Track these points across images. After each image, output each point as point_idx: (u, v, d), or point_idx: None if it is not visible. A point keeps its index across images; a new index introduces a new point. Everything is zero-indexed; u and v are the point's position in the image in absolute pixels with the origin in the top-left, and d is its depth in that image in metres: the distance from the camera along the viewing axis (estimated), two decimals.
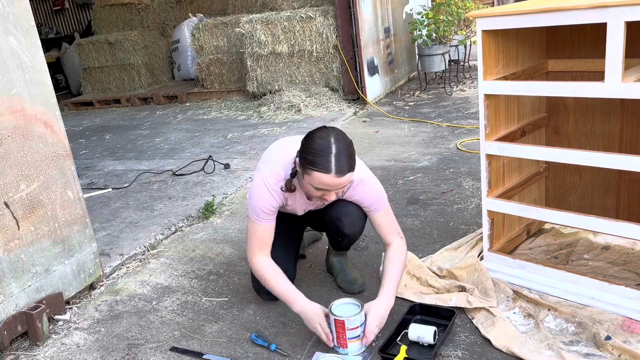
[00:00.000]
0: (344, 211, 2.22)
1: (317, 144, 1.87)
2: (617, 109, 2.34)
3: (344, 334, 1.94)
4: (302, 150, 1.92)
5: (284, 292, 2.08)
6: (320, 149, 1.86)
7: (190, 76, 8.37)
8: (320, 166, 1.86)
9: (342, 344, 1.96)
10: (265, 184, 2.06)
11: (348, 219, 2.22)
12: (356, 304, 2.00)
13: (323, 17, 6.01)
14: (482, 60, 2.08)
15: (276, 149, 2.15)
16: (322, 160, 1.85)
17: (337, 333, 1.95)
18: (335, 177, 1.87)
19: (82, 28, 11.38)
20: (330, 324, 1.96)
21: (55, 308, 2.42)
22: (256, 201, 2.07)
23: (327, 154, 1.85)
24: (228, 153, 4.74)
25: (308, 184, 1.93)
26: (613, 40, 1.71)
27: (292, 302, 2.05)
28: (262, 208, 2.07)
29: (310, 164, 1.87)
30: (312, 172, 1.87)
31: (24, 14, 2.27)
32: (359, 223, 2.25)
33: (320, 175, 1.87)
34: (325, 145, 1.86)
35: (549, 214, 2.10)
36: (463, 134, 4.48)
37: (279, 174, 2.07)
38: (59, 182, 2.44)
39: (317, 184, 1.89)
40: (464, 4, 6.13)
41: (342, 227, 2.24)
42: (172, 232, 3.25)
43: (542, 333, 1.93)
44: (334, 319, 1.94)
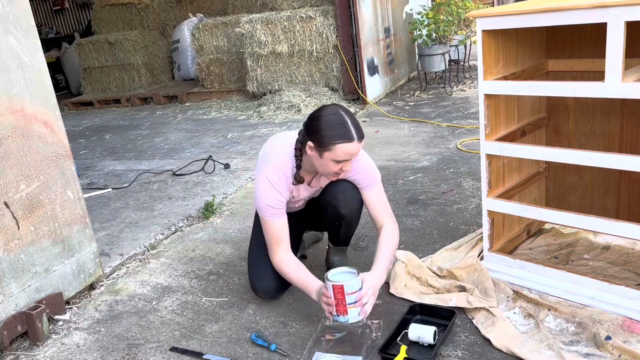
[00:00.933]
0: (338, 189, 2.26)
1: (332, 119, 1.98)
2: (617, 109, 2.34)
3: (344, 299, 1.94)
4: (315, 131, 2.00)
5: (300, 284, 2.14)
6: (337, 122, 1.98)
7: (190, 76, 8.37)
8: (343, 137, 1.96)
9: (341, 310, 1.96)
10: (269, 180, 2.11)
11: (343, 196, 2.26)
12: (352, 271, 2.02)
13: (323, 17, 6.01)
14: (482, 60, 2.08)
15: (271, 147, 2.21)
16: (343, 131, 1.97)
17: (336, 300, 1.95)
18: (358, 143, 1.99)
19: (82, 28, 11.38)
20: (329, 292, 1.96)
21: (55, 308, 2.42)
22: (263, 199, 2.12)
23: (345, 124, 1.98)
24: (228, 153, 4.74)
25: (329, 160, 2.01)
26: (613, 40, 1.71)
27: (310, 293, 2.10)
28: (270, 204, 2.11)
29: (331, 139, 1.97)
30: (336, 145, 1.97)
31: (24, 14, 2.27)
32: (354, 202, 2.28)
33: (345, 146, 1.97)
34: (339, 118, 1.99)
35: (549, 214, 2.10)
36: (463, 134, 4.48)
37: (280, 168, 2.13)
38: (59, 182, 2.44)
39: (342, 155, 1.99)
40: (464, 4, 6.13)
41: (339, 206, 2.26)
42: (172, 232, 3.25)
43: (542, 333, 1.93)
44: (332, 285, 1.94)
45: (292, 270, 2.15)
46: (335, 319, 1.99)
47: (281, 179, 2.12)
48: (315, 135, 2.00)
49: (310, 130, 2.02)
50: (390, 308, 2.23)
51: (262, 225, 2.19)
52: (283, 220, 2.16)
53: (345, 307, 1.96)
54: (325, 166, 2.05)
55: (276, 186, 2.11)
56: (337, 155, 1.99)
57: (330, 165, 2.03)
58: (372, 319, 2.14)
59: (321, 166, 2.07)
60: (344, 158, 2.00)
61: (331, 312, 1.98)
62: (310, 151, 2.04)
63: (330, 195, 2.28)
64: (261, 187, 2.12)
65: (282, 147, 2.16)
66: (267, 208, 2.12)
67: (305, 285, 2.12)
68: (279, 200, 2.12)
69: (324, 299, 1.99)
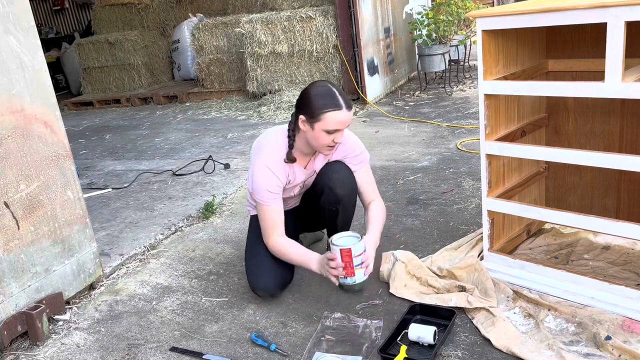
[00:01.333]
0: (332, 169, 2.31)
1: (320, 90, 2.09)
2: (617, 109, 2.34)
3: (352, 262, 2.04)
4: (304, 104, 2.10)
5: (298, 258, 2.23)
6: (324, 93, 2.07)
7: (190, 76, 8.37)
8: (332, 106, 2.06)
9: (349, 273, 2.06)
10: (266, 165, 2.18)
11: (338, 176, 2.29)
12: (354, 235, 2.13)
13: (323, 17, 6.01)
14: (482, 60, 2.08)
15: (264, 138, 2.30)
16: (331, 100, 2.07)
17: (344, 263, 2.03)
18: (347, 112, 2.09)
19: (82, 28, 11.38)
20: (337, 256, 2.04)
21: (55, 308, 2.42)
22: (260, 183, 2.18)
23: (332, 94, 2.09)
24: (228, 153, 4.74)
25: (320, 131, 2.08)
26: (613, 40, 1.71)
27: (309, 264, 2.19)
28: (268, 189, 2.18)
29: (321, 108, 2.06)
30: (325, 114, 2.05)
31: (24, 14, 2.27)
32: (349, 181, 2.32)
33: (334, 114, 2.06)
34: (326, 89, 2.09)
35: (549, 214, 2.10)
36: (463, 134, 4.48)
37: (276, 153, 2.21)
38: (59, 182, 2.44)
39: (333, 124, 2.07)
40: (464, 4, 6.13)
41: (335, 187, 2.29)
42: (172, 232, 3.25)
43: (542, 333, 1.93)
44: (340, 250, 2.02)
45: (288, 248, 2.23)
46: (343, 282, 2.09)
47: (277, 163, 2.19)
48: (305, 108, 2.08)
49: (300, 104, 2.11)
50: (390, 308, 2.23)
51: (259, 212, 2.25)
52: (279, 206, 2.24)
53: (353, 269, 2.06)
54: (318, 138, 2.11)
55: (274, 170, 2.18)
56: (327, 124, 2.06)
57: (322, 136, 2.10)
58: (372, 319, 2.14)
59: (314, 139, 2.13)
60: (335, 127, 2.08)
61: (339, 275, 2.07)
62: (303, 125, 2.12)
63: (325, 177, 2.32)
64: (258, 173, 2.18)
65: (274, 135, 2.25)
66: (266, 193, 2.18)
67: (303, 260, 2.20)
68: (277, 185, 2.19)
69: (332, 263, 2.07)
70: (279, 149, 2.22)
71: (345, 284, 2.10)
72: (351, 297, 2.33)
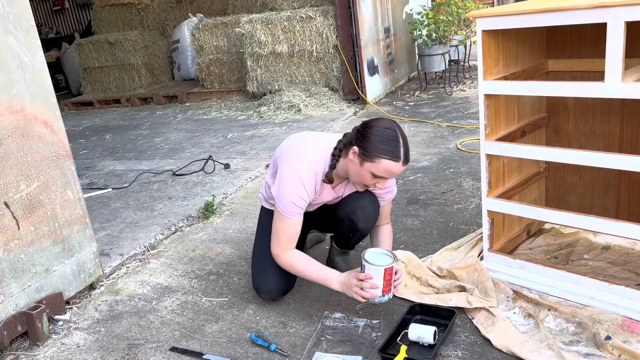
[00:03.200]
0: (358, 204, 2.23)
1: (388, 133, 1.97)
2: (617, 109, 2.34)
3: (391, 279, 2.00)
4: (365, 139, 1.98)
5: (316, 276, 2.13)
6: (391, 138, 1.96)
7: (190, 76, 8.37)
8: (390, 154, 1.95)
9: (387, 290, 2.01)
10: (300, 178, 2.06)
11: (363, 212, 2.22)
12: (385, 252, 2.08)
13: (323, 17, 6.01)
14: (482, 60, 2.08)
15: (305, 144, 2.16)
16: (393, 148, 1.95)
17: (384, 282, 1.99)
18: (402, 166, 1.98)
19: (82, 28, 11.38)
20: (377, 276, 1.98)
21: (55, 308, 2.42)
22: (290, 196, 2.07)
23: (397, 142, 1.96)
24: (228, 153, 4.74)
25: (367, 171, 1.99)
26: (613, 40, 1.71)
27: (329, 283, 2.10)
28: (295, 202, 2.07)
29: (379, 152, 1.95)
30: (381, 159, 1.95)
31: (24, 14, 2.27)
32: (372, 217, 2.26)
33: (388, 163, 1.95)
34: (394, 134, 1.97)
35: (549, 214, 2.10)
36: (463, 134, 4.48)
37: (314, 169, 2.09)
38: (59, 182, 2.44)
39: (382, 171, 1.98)
40: (464, 4, 6.13)
41: (357, 221, 2.23)
42: (172, 232, 3.25)
43: (542, 333, 1.93)
44: (384, 269, 1.97)
45: (303, 264, 2.14)
46: (380, 300, 2.02)
47: (312, 179, 2.09)
48: (364, 142, 1.97)
49: (361, 135, 1.99)
50: (390, 308, 2.23)
51: (278, 220, 2.13)
52: (300, 220, 2.14)
53: (391, 285, 2.02)
54: (361, 176, 2.02)
55: (306, 185, 2.07)
56: (377, 169, 1.96)
57: (366, 176, 2.01)
58: (372, 319, 2.14)
59: (356, 174, 2.04)
60: (383, 175, 1.98)
61: (376, 295, 1.99)
62: (353, 156, 2.01)
63: (349, 209, 2.23)
64: (289, 183, 2.07)
65: (318, 148, 2.13)
66: (291, 205, 2.07)
67: (322, 278, 2.11)
68: (304, 200, 2.09)
69: (366, 283, 1.98)
70: (319, 164, 2.10)
71: (381, 301, 2.03)
72: (351, 298, 2.33)
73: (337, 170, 2.12)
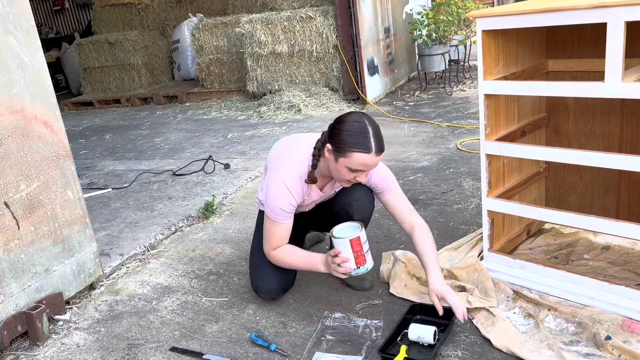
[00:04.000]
0: (352, 196, 2.24)
1: (355, 126, 1.96)
2: (617, 109, 2.34)
3: (362, 249, 1.99)
4: (336, 134, 1.98)
5: (303, 264, 2.15)
6: (359, 131, 1.95)
7: (190, 76, 8.37)
8: (361, 147, 1.94)
9: (361, 261, 2.00)
10: (284, 183, 2.09)
11: (357, 204, 2.23)
12: (351, 224, 2.06)
13: (323, 17, 6.01)
14: (482, 60, 2.08)
15: (287, 148, 2.20)
16: (362, 140, 1.94)
17: (355, 253, 1.98)
18: (375, 156, 1.96)
19: (82, 28, 11.38)
20: (345, 249, 1.98)
21: (55, 308, 2.42)
22: (276, 201, 2.09)
23: (366, 134, 1.95)
24: (228, 153, 4.74)
25: (343, 166, 1.99)
26: (613, 40, 1.71)
27: (316, 267, 2.12)
28: (282, 207, 2.10)
29: (349, 146, 1.94)
30: (353, 153, 1.94)
31: (24, 14, 2.27)
32: (367, 209, 2.27)
33: (361, 156, 1.94)
34: (362, 127, 1.96)
35: (549, 214, 2.10)
36: (463, 134, 4.48)
37: (297, 172, 2.11)
38: (59, 182, 2.44)
39: (356, 165, 1.97)
40: (464, 4, 6.13)
41: (352, 213, 2.24)
42: (172, 232, 3.25)
43: (542, 333, 1.93)
44: (349, 240, 1.97)
45: (290, 256, 2.18)
46: (357, 272, 2.02)
47: (296, 182, 2.11)
48: (335, 139, 1.98)
49: (332, 133, 2.00)
50: (390, 308, 2.23)
51: (267, 223, 2.17)
52: (290, 223, 2.16)
53: (364, 256, 2.00)
54: (339, 172, 2.03)
55: (291, 190, 2.09)
56: (351, 163, 1.96)
57: (343, 172, 2.01)
58: (372, 319, 2.14)
59: (335, 171, 2.04)
60: (358, 168, 1.98)
61: (349, 267, 2.00)
62: (328, 154, 2.02)
63: (345, 201, 2.24)
64: (275, 189, 2.09)
65: (298, 149, 2.15)
66: (279, 211, 2.10)
67: (309, 263, 2.13)
68: (292, 205, 2.11)
69: (337, 259, 2.00)
70: (301, 166, 2.12)
71: (358, 274, 2.03)
72: (351, 297, 2.33)
73: (320, 170, 2.14)
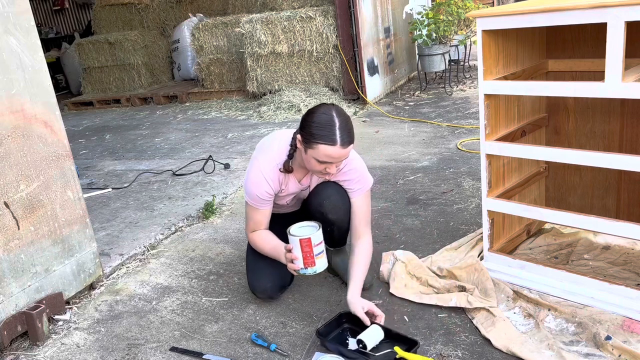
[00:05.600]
0: (323, 195, 2.25)
1: (321, 118, 1.97)
2: (617, 109, 2.34)
3: (311, 251, 1.98)
4: (304, 126, 2.01)
5: (271, 251, 2.21)
6: (325, 123, 1.96)
7: (190, 76, 8.36)
8: (326, 139, 1.95)
9: (309, 263, 2.00)
10: (261, 171, 2.15)
11: (329, 202, 2.23)
12: (313, 225, 2.06)
13: (323, 17, 6.01)
14: (482, 60, 2.08)
15: (270, 139, 2.25)
16: (327, 132, 1.95)
17: (304, 254, 1.99)
18: (341, 149, 1.96)
19: (82, 28, 11.38)
20: (295, 247, 1.99)
21: (55, 308, 2.42)
22: (253, 188, 2.17)
23: (331, 126, 1.95)
24: (228, 153, 4.74)
25: (312, 157, 2.01)
26: (613, 40, 1.71)
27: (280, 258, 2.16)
28: (259, 194, 2.17)
29: (315, 137, 1.96)
30: (318, 145, 1.96)
31: (24, 14, 2.27)
32: (341, 206, 2.25)
33: (326, 148, 1.96)
34: (328, 119, 1.96)
35: (549, 214, 2.10)
36: (463, 134, 4.48)
37: (275, 161, 2.16)
38: (59, 182, 2.44)
39: (322, 156, 1.98)
40: (464, 4, 6.13)
41: (326, 213, 2.24)
42: (172, 232, 3.25)
43: (542, 333, 1.93)
44: (299, 240, 1.97)
45: (262, 240, 2.24)
46: (304, 272, 2.03)
47: (273, 170, 2.16)
48: (304, 130, 2.01)
49: (302, 124, 2.04)
50: (390, 308, 2.23)
51: (247, 207, 2.25)
52: (268, 209, 2.24)
53: (313, 258, 2.00)
54: (309, 163, 2.05)
55: (267, 178, 2.15)
56: (318, 155, 1.98)
57: (312, 163, 2.03)
58: None
59: (306, 162, 2.07)
60: (325, 159, 1.99)
61: (297, 266, 2.03)
62: (299, 144, 2.07)
63: (317, 202, 2.25)
64: (253, 175, 2.16)
65: (279, 141, 2.20)
66: (256, 197, 2.18)
67: (276, 253, 2.18)
68: (268, 193, 2.17)
69: (289, 255, 2.04)
70: (278, 155, 2.16)
71: (305, 274, 2.03)
72: None
73: (298, 161, 2.16)
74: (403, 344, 1.94)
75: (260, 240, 2.25)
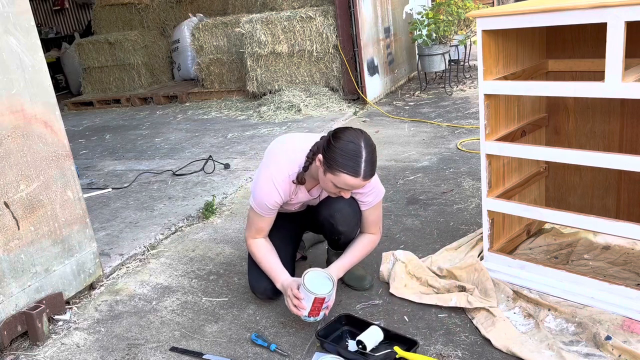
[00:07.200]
0: (335, 207, 2.22)
1: (349, 147, 1.93)
2: (617, 109, 2.34)
3: (321, 307, 2.04)
4: (329, 149, 1.96)
5: (266, 270, 2.23)
6: (352, 153, 1.92)
7: (190, 76, 8.36)
8: (350, 169, 1.92)
9: (314, 314, 2.05)
10: (272, 180, 2.11)
11: (340, 215, 2.22)
12: (327, 278, 2.09)
13: (323, 17, 6.01)
14: (482, 60, 2.08)
15: (284, 147, 2.19)
16: (353, 164, 1.92)
17: (313, 307, 2.03)
18: (362, 181, 1.95)
19: (82, 28, 11.38)
20: (307, 300, 2.03)
21: (55, 308, 2.42)
22: (262, 197, 2.13)
23: (358, 158, 1.92)
24: (228, 153, 4.74)
25: (330, 181, 1.99)
26: (613, 40, 1.71)
27: (275, 282, 2.20)
28: (267, 203, 2.14)
29: (339, 165, 1.93)
30: (340, 173, 1.94)
31: (24, 14, 2.27)
32: (352, 218, 2.24)
33: (348, 178, 1.94)
34: (356, 149, 1.92)
35: (549, 214, 2.10)
36: (463, 134, 4.48)
37: (288, 171, 2.12)
38: (59, 182, 2.44)
39: (342, 184, 1.97)
40: (464, 4, 6.13)
41: (336, 224, 2.23)
42: (172, 232, 3.25)
43: (542, 333, 1.93)
44: (314, 297, 2.01)
45: (262, 256, 2.23)
46: (305, 319, 2.08)
47: (285, 182, 2.12)
48: (328, 154, 1.96)
49: (327, 145, 1.98)
50: (390, 308, 2.23)
51: (251, 212, 2.23)
52: (271, 218, 2.23)
53: (320, 311, 2.05)
54: (325, 183, 2.03)
55: (278, 188, 2.11)
56: (337, 181, 1.96)
57: (329, 185, 2.01)
58: (372, 320, 2.14)
59: (322, 181, 2.04)
60: (344, 187, 1.98)
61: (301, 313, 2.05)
62: (319, 163, 2.02)
63: (327, 212, 2.24)
64: (263, 184, 2.13)
65: (293, 151, 2.14)
66: (264, 206, 2.15)
67: (272, 275, 2.21)
68: (277, 202, 2.15)
69: (295, 301, 2.04)
70: (292, 166, 2.12)
71: (305, 320, 2.08)
72: (351, 297, 2.33)
73: (311, 172, 2.13)
74: (403, 344, 1.94)
75: (259, 254, 2.23)
